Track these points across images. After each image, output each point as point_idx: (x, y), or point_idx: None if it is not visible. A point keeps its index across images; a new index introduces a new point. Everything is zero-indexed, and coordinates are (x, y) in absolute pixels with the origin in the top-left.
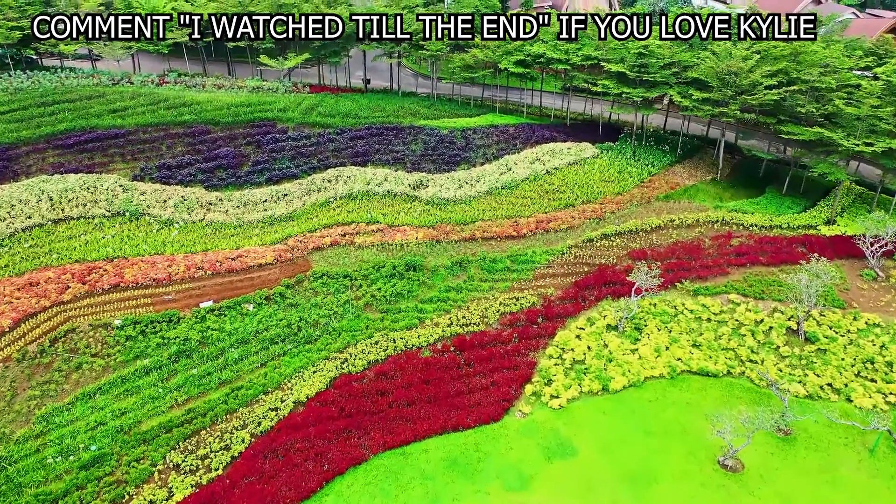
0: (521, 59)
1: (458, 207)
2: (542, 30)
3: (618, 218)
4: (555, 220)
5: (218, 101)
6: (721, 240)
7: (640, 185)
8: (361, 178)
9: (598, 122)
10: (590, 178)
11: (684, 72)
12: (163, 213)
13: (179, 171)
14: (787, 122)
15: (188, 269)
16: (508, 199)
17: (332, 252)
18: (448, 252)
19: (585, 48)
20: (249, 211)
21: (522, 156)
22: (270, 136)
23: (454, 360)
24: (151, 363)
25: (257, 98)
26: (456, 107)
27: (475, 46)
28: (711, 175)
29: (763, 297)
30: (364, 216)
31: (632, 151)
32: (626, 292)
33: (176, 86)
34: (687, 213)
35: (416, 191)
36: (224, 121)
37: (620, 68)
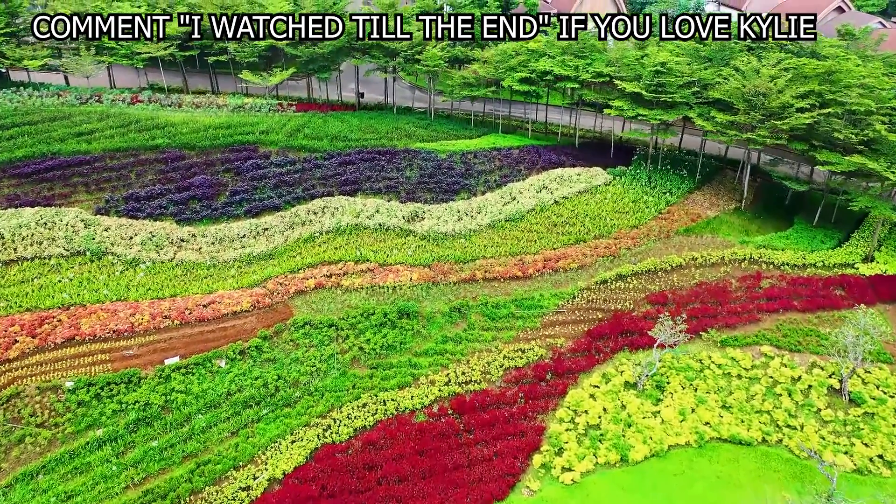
0: (526, 76)
1: (457, 243)
2: (549, 43)
3: (634, 255)
4: (564, 258)
5: (195, 122)
6: (749, 281)
7: (658, 216)
8: (350, 210)
9: (608, 141)
10: (602, 208)
11: (705, 91)
12: (128, 251)
13: (149, 203)
14: (821, 149)
15: (153, 319)
16: (513, 234)
17: (317, 296)
18: (446, 295)
19: (596, 64)
20: (225, 248)
21: (528, 183)
22: (251, 162)
23: (452, 426)
24: (106, 434)
25: (238, 119)
26: (455, 126)
27: (475, 61)
28: (735, 203)
29: (799, 350)
30: (353, 254)
31: (647, 177)
32: (645, 343)
33: (149, 105)
34: (711, 250)
35: (410, 224)
36: (201, 145)
37: (636, 88)
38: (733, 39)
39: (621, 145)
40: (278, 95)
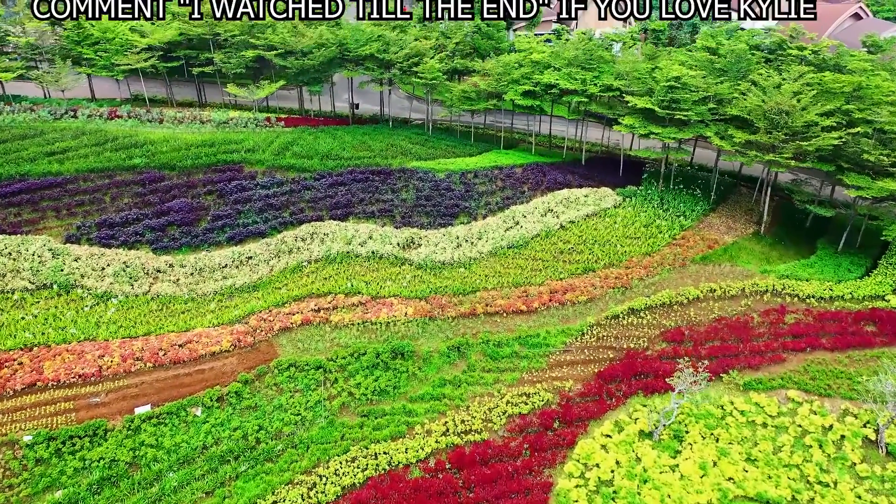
0: (530, 89)
1: (457, 273)
2: (554, 54)
3: (647, 287)
4: (572, 290)
5: (176, 139)
6: (773, 316)
7: (672, 242)
8: (341, 236)
9: (617, 156)
10: (612, 234)
11: (721, 106)
12: (99, 284)
13: (123, 230)
14: (849, 172)
15: (124, 361)
16: (516, 262)
17: (303, 333)
18: (444, 332)
19: (604, 76)
20: (205, 279)
21: (532, 206)
22: (236, 184)
23: (450, 483)
24: (65, 497)
25: (223, 136)
26: (454, 142)
27: (475, 73)
28: (753, 227)
29: (829, 394)
30: (343, 285)
31: (659, 198)
32: (660, 386)
33: (128, 121)
34: (730, 281)
35: (406, 251)
36: (181, 165)
37: (647, 104)
38: (749, 51)
39: (631, 162)
40: (268, 107)
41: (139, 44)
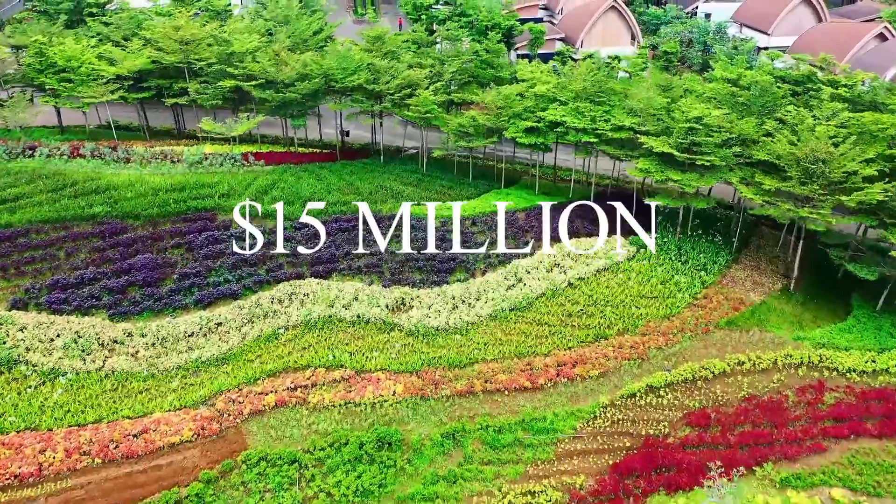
0: (533, 125)
1: (452, 340)
2: (559, 86)
3: (667, 358)
4: (582, 362)
5: (143, 183)
6: (810, 394)
7: (693, 303)
8: (323, 297)
9: (628, 191)
10: (626, 293)
11: (746, 148)
12: (47, 358)
13: (78, 293)
14: (893, 227)
15: (69, 456)
16: (519, 327)
17: (277, 418)
18: (437, 414)
19: (615, 111)
20: (168, 351)
21: (536, 259)
22: (207, 236)
23: None
24: None
25: (195, 178)
26: (450, 180)
27: (473, 105)
28: (781, 281)
29: (879, 494)
30: (324, 356)
31: (676, 247)
32: (685, 483)
33: (91, 161)
34: (760, 352)
35: (395, 314)
36: (147, 213)
37: (665, 146)
38: (775, 83)
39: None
40: (251, 135)
41: (107, 73)
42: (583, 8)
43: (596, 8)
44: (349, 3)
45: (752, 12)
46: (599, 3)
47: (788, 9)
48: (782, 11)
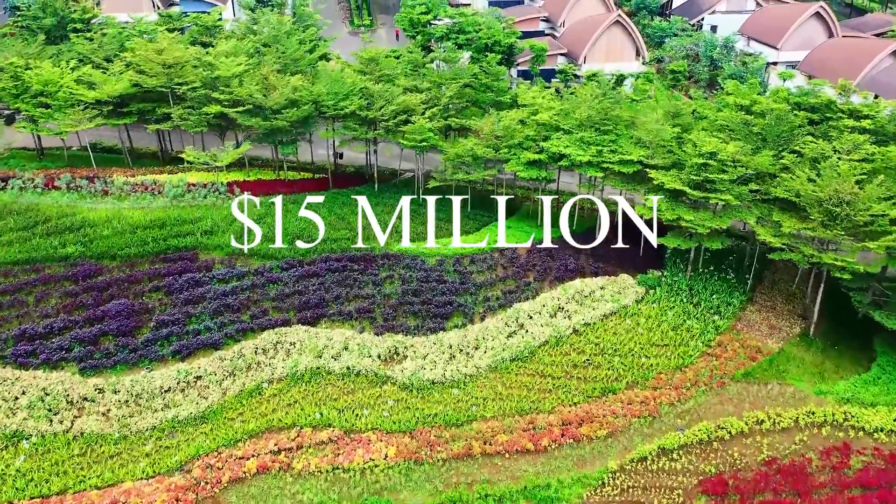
0: (535, 158)
1: (449, 395)
2: (563, 113)
3: (679, 415)
4: (588, 421)
5: (120, 220)
6: (835, 458)
7: (707, 351)
8: (311, 347)
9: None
10: (634, 340)
11: (762, 183)
12: (10, 419)
13: (47, 344)
14: None
15: None
16: (520, 379)
17: (258, 486)
18: (432, 481)
19: (622, 142)
20: (142, 409)
21: (539, 303)
22: (187, 278)
23: None
24: None
25: (177, 213)
26: (447, 211)
27: (472, 132)
28: (799, 324)
29: None
30: (311, 414)
31: (687, 287)
32: None
33: (67, 194)
34: (780, 408)
35: (388, 366)
36: (124, 253)
37: (676, 183)
38: (791, 111)
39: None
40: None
41: (86, 98)
42: (586, 22)
43: (599, 23)
44: (345, 14)
45: (760, 26)
46: (603, 18)
47: (798, 23)
48: (792, 26)
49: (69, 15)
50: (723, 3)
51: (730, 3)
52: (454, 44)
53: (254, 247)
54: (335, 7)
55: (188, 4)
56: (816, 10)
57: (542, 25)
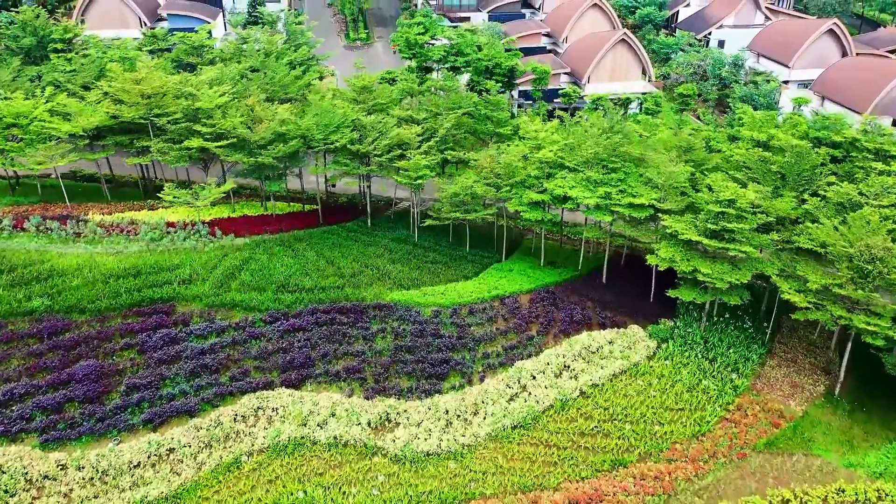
0: (538, 199)
1: (445, 468)
2: (567, 149)
3: (697, 493)
4: (598, 499)
5: (92, 267)
6: None
7: (725, 416)
8: (295, 414)
9: (643, 255)
10: (647, 403)
11: (783, 228)
12: None
13: (6, 413)
14: None
15: None
16: (523, 450)
17: None
18: None
19: (631, 180)
20: (108, 488)
21: (543, 360)
22: (163, 334)
23: None
24: None
25: (154, 259)
26: (444, 253)
27: (470, 167)
28: (822, 381)
29: None
30: (293, 492)
31: (702, 340)
32: None
33: (36, 237)
34: (807, 485)
35: (378, 435)
36: (95, 306)
37: (690, 232)
38: (812, 148)
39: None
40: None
41: (59, 132)
42: (590, 39)
43: (604, 41)
44: (341, 27)
45: (771, 42)
46: (608, 36)
47: (811, 41)
48: (804, 44)
49: (49, 34)
50: (730, 17)
51: (738, 17)
52: (452, 67)
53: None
54: (330, 20)
55: (176, 20)
56: (830, 28)
57: (543, 41)
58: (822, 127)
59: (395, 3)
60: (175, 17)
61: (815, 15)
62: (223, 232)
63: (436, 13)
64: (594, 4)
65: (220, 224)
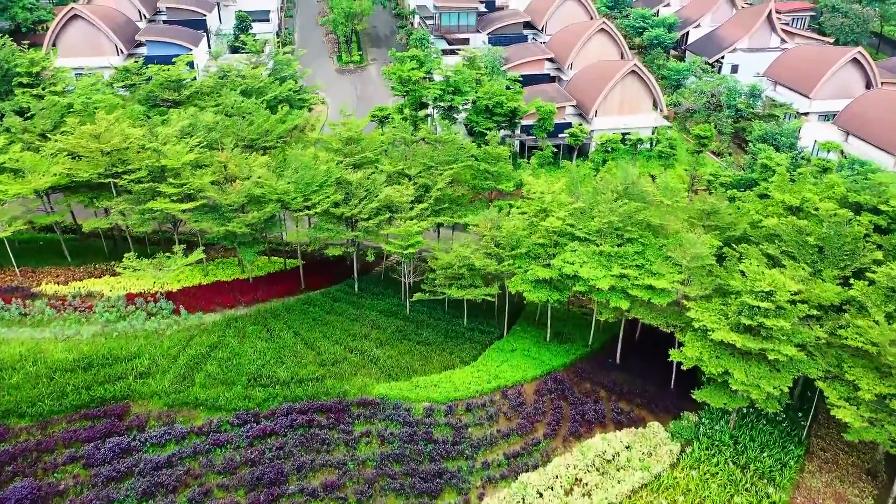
0: (543, 276)
1: None
2: (575, 214)
3: None
4: None
5: (37, 359)
6: None
7: None
8: None
9: (660, 330)
10: None
11: (825, 317)
12: None
13: None
14: None
15: None
16: None
17: None
18: None
19: (650, 254)
20: None
21: (551, 472)
22: (114, 444)
23: None
24: None
25: (108, 347)
26: (439, 331)
27: (466, 231)
28: (870, 491)
29: None
30: None
31: (731, 441)
32: None
33: None
34: None
35: None
36: (37, 409)
37: (721, 330)
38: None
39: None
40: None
41: (6, 196)
42: (597, 69)
43: (613, 71)
44: (333, 48)
45: (789, 70)
46: (616, 67)
47: (833, 70)
48: (826, 73)
49: (14, 67)
50: (744, 41)
51: (752, 40)
52: (449, 107)
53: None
54: (322, 39)
55: (155, 47)
56: (854, 56)
57: (547, 66)
58: (861, 186)
59: (390, 22)
60: (154, 43)
61: (832, 35)
62: (190, 308)
63: (433, 35)
64: (601, 29)
65: (189, 295)
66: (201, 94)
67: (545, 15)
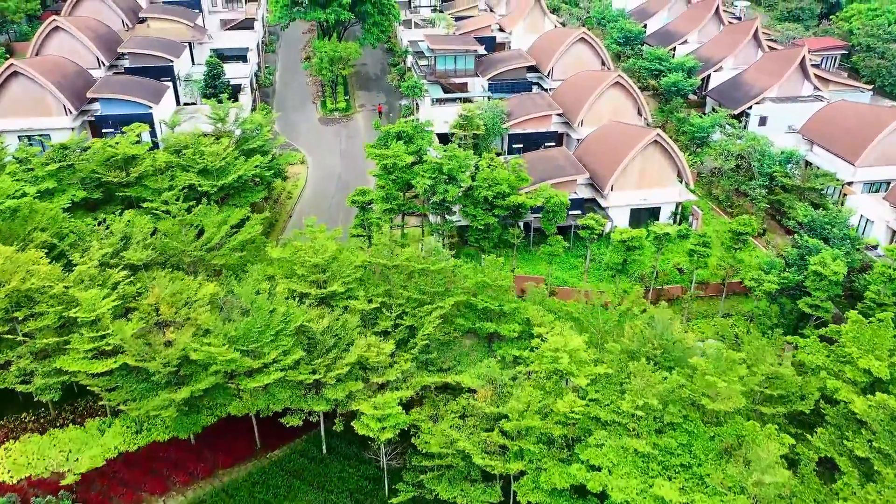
0: (564, 482)
1: None
2: (593, 345)
3: None
4: None
5: None
6: None
7: None
8: None
9: None
10: None
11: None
12: None
13: None
14: None
15: None
16: None
17: None
18: None
19: (697, 449)
20: None
21: None
22: None
23: None
24: None
25: None
26: None
27: (463, 392)
28: None
29: None
30: None
31: None
32: None
33: None
34: None
35: None
36: None
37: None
38: None
39: None
40: None
41: None
42: (613, 134)
43: (632, 140)
44: (318, 91)
45: (829, 129)
46: (636, 134)
47: (883, 135)
48: (875, 138)
49: None
50: (773, 89)
51: (782, 89)
52: (442, 200)
53: None
54: (306, 80)
55: (109, 105)
56: None
57: (555, 119)
58: None
59: (381, 59)
60: (108, 101)
61: (867, 76)
62: (105, 497)
63: (427, 80)
64: (616, 83)
65: (111, 472)
66: (155, 172)
67: (551, 58)
